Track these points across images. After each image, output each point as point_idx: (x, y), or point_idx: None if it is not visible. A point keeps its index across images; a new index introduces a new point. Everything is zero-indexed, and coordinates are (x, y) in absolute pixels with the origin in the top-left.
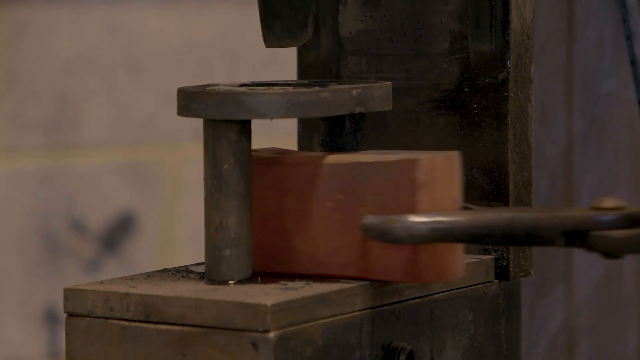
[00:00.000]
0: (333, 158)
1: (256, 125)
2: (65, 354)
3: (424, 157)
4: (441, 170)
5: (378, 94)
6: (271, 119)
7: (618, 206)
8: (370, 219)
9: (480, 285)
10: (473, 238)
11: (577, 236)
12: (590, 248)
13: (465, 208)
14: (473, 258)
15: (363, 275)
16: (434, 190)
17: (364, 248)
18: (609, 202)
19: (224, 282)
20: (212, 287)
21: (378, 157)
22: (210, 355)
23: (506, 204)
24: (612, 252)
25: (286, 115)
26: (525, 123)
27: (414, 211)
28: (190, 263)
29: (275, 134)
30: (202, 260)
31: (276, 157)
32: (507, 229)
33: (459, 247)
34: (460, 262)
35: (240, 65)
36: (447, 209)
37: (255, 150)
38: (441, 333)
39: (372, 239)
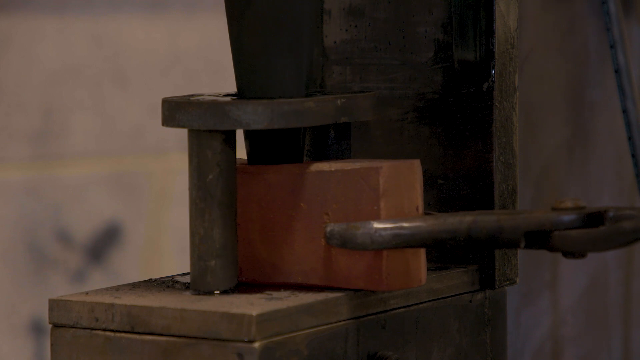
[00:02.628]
0: (295, 167)
1: (242, 135)
2: None
3: (385, 165)
4: (402, 178)
5: (362, 104)
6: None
7: (578, 206)
8: (332, 227)
9: (466, 294)
10: (436, 243)
11: (539, 237)
12: (552, 248)
13: (427, 214)
14: (459, 267)
15: (327, 283)
16: (396, 198)
17: (328, 256)
18: (568, 203)
19: (209, 293)
20: (198, 297)
21: (340, 166)
22: None
23: None
24: (573, 251)
25: (270, 125)
26: (510, 132)
27: (376, 218)
28: (177, 273)
29: None
30: (189, 270)
31: (239, 167)
32: (469, 233)
33: (422, 254)
34: (424, 268)
35: (226, 76)
36: (409, 216)
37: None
38: (427, 342)
39: (336, 246)
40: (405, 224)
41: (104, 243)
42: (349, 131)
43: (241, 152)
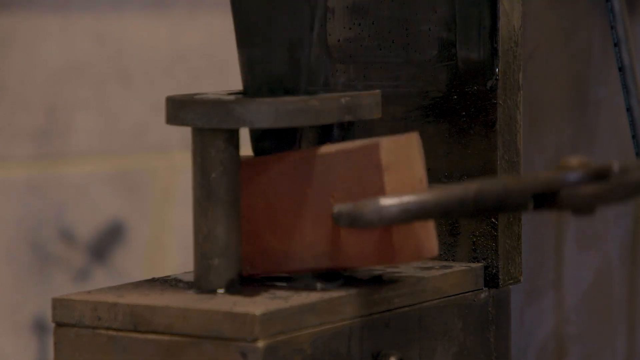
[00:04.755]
0: (297, 154)
1: (246, 132)
2: None
3: (384, 140)
4: (403, 151)
5: (367, 102)
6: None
7: (583, 163)
8: (340, 207)
9: (470, 293)
10: (444, 213)
11: (547, 198)
12: (561, 207)
13: (431, 186)
14: (462, 266)
15: (339, 264)
16: (399, 172)
17: (337, 238)
18: (573, 161)
19: (213, 292)
20: (201, 296)
21: (340, 147)
22: None
23: None
24: (582, 208)
25: (274, 124)
26: (513, 130)
27: (382, 194)
28: (180, 272)
29: None
30: (192, 269)
31: (251, 158)
32: (477, 199)
33: (432, 225)
34: (435, 239)
35: (230, 74)
36: (414, 189)
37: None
38: (431, 341)
39: (344, 226)
40: (411, 198)
41: (107, 241)
42: (352, 129)
43: (245, 151)
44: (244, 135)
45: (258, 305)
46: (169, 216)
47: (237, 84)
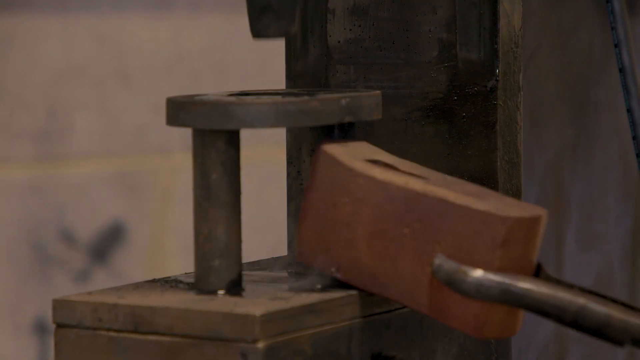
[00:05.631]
0: (419, 184)
1: (246, 134)
2: None
3: (513, 217)
4: (526, 231)
5: (367, 103)
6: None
7: None
8: (442, 262)
9: None
10: (539, 312)
11: None
12: None
13: (539, 267)
14: None
15: (418, 307)
16: (515, 250)
17: (427, 283)
18: None
19: (213, 293)
20: (201, 297)
21: (465, 201)
22: None
23: None
24: None
25: (275, 124)
26: (514, 131)
27: (489, 267)
28: (181, 273)
29: (265, 143)
30: (193, 270)
31: (363, 168)
32: (576, 318)
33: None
34: (520, 321)
35: (230, 75)
36: (521, 269)
37: (341, 154)
38: (431, 342)
39: (439, 281)
40: (516, 284)
41: (108, 242)
42: (353, 130)
43: (244, 151)
44: (244, 135)
45: (258, 306)
46: (170, 217)
47: (237, 85)
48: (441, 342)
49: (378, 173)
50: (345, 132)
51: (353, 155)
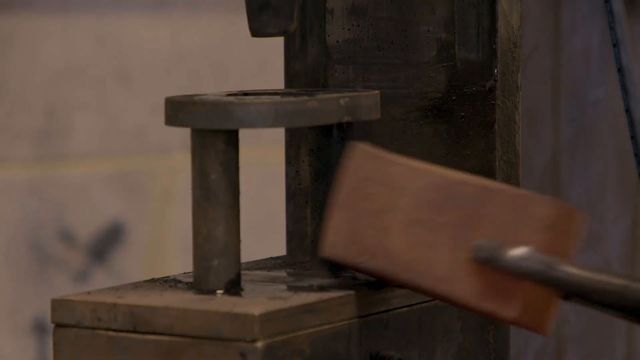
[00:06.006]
0: (457, 173)
1: (245, 134)
2: None
3: (552, 200)
4: (567, 221)
5: (366, 103)
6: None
7: None
8: (483, 241)
9: None
10: (581, 295)
11: None
12: None
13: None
14: None
15: (452, 295)
16: (556, 237)
17: (467, 269)
18: None
19: (212, 292)
20: (200, 297)
21: (505, 187)
22: None
23: None
24: None
25: (274, 124)
26: (512, 131)
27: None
28: (180, 273)
29: (264, 143)
30: (192, 270)
31: (398, 158)
32: (620, 298)
33: (554, 306)
34: (552, 320)
35: (230, 75)
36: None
37: (368, 146)
38: (430, 342)
39: (479, 260)
40: (559, 264)
41: (107, 242)
42: (352, 130)
43: (243, 151)
44: (243, 135)
45: (257, 305)
46: (169, 217)
47: (237, 85)
48: (440, 342)
49: (415, 163)
50: (343, 132)
51: (383, 150)
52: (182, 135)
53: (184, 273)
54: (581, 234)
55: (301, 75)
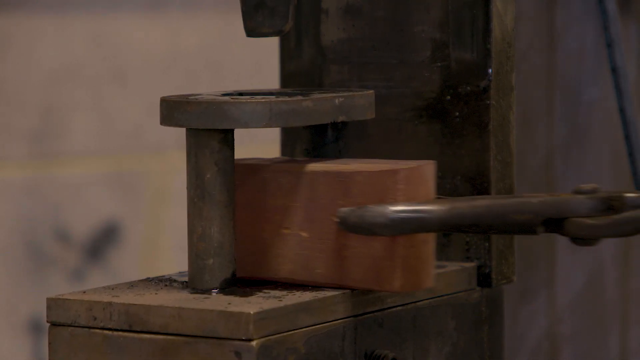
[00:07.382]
0: (316, 165)
1: (240, 133)
2: None
3: (404, 167)
4: (419, 180)
5: (360, 103)
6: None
7: (593, 189)
8: (346, 210)
9: (463, 292)
10: (446, 226)
11: (553, 222)
12: (565, 234)
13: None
14: (455, 265)
15: (337, 282)
16: (412, 191)
17: (339, 253)
18: (586, 188)
19: (207, 291)
20: (195, 296)
21: (358, 167)
22: None
23: None
24: (584, 239)
25: (268, 124)
26: (506, 131)
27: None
28: (175, 272)
29: (258, 143)
30: (187, 269)
31: (260, 164)
32: (484, 218)
33: (432, 258)
34: (432, 272)
35: (225, 75)
36: None
37: (238, 159)
38: (424, 340)
39: (348, 229)
40: (422, 207)
41: (102, 242)
42: (346, 130)
43: (238, 150)
44: (238, 134)
45: (252, 304)
46: (164, 216)
47: (233, 85)
48: (434, 341)
49: (274, 166)
50: (338, 131)
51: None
52: (177, 135)
53: (179, 272)
54: (434, 182)
55: (296, 75)
